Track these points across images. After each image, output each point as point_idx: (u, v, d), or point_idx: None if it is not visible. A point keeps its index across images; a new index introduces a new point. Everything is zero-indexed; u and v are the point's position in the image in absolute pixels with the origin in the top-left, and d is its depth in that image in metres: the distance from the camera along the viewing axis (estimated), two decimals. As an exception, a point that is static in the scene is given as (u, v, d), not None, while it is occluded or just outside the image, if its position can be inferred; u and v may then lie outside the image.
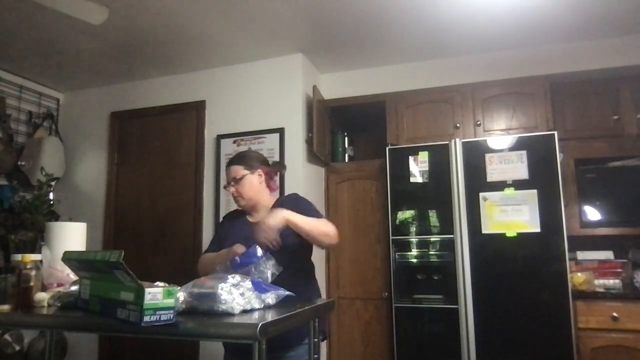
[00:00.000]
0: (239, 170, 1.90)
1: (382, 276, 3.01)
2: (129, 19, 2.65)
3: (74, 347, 3.23)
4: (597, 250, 2.89)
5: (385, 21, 2.71)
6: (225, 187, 1.98)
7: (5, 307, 1.39)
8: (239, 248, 1.67)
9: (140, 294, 1.08)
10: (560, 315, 2.46)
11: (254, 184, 1.90)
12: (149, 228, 3.37)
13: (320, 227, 1.75)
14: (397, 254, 2.81)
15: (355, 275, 3.11)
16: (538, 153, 2.63)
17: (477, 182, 2.70)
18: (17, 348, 2.77)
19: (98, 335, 3.27)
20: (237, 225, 1.94)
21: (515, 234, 2.59)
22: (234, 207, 3.13)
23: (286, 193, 2.61)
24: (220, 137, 3.24)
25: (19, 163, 3.27)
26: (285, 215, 1.67)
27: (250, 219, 1.95)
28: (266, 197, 1.96)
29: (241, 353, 1.19)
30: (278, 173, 2.08)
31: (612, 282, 2.76)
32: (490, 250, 2.62)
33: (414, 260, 2.78)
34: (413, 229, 2.81)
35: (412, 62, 3.28)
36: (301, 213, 1.75)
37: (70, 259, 1.38)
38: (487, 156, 2.70)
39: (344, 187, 3.25)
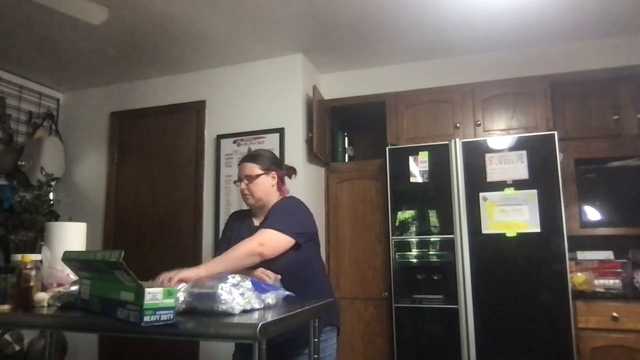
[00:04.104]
0: (254, 168, 1.87)
1: (382, 276, 3.00)
2: (129, 19, 2.65)
3: (74, 347, 3.23)
4: (597, 250, 2.89)
5: (385, 21, 2.71)
6: (235, 183, 1.94)
7: (5, 307, 1.39)
8: (264, 275, 1.62)
9: (140, 294, 1.08)
10: (560, 315, 2.46)
11: (266, 185, 1.88)
12: (149, 228, 3.37)
13: (238, 256, 1.61)
14: (397, 254, 2.81)
15: (355, 275, 3.11)
16: (538, 153, 2.63)
17: (477, 182, 2.70)
18: (17, 348, 2.77)
19: (98, 335, 3.26)
20: (243, 227, 1.92)
21: (515, 234, 2.58)
22: (234, 207, 3.16)
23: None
24: (220, 137, 3.24)
25: (19, 163, 3.27)
26: (192, 275, 1.42)
27: (255, 222, 1.92)
28: (275, 200, 1.92)
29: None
30: (290, 177, 2.02)
31: (612, 282, 2.76)
32: (490, 250, 2.62)
33: (414, 260, 2.78)
34: (413, 229, 2.81)
35: (412, 62, 3.28)
36: (270, 222, 1.76)
37: (70, 259, 1.38)
38: (487, 156, 2.70)
39: (344, 187, 3.25)
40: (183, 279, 1.40)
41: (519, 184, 2.62)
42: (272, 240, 1.69)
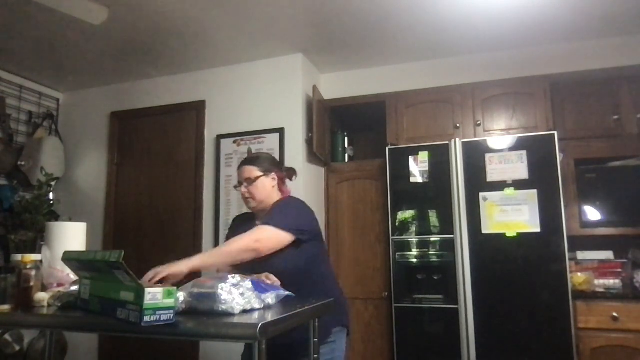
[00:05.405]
0: (254, 171, 1.86)
1: (382, 276, 3.00)
2: (129, 19, 2.65)
3: (74, 347, 3.23)
4: (597, 250, 2.89)
5: (385, 21, 2.71)
6: (235, 187, 1.93)
7: (5, 307, 1.39)
8: (268, 279, 1.58)
9: (140, 294, 1.08)
10: (560, 315, 2.46)
11: (266, 187, 1.87)
12: (149, 228, 3.37)
13: (233, 251, 1.63)
14: (397, 254, 2.81)
15: (355, 275, 3.11)
16: (538, 153, 2.63)
17: (477, 182, 2.70)
18: (17, 348, 2.77)
19: (98, 335, 3.27)
20: (247, 230, 1.88)
21: (515, 234, 2.58)
22: (234, 207, 3.16)
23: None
24: (220, 137, 3.24)
25: (19, 163, 3.27)
26: (182, 268, 1.53)
27: (259, 224, 1.89)
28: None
29: (272, 353, 1.15)
30: (291, 179, 2.02)
31: (612, 282, 2.76)
32: (490, 250, 2.62)
33: (414, 260, 2.78)
34: (413, 229, 2.81)
35: (412, 62, 3.28)
36: (269, 218, 1.74)
37: (70, 259, 1.38)
38: (487, 156, 2.70)
39: (344, 187, 3.25)
40: (171, 275, 1.44)
41: (519, 184, 2.62)
42: (268, 237, 1.68)
